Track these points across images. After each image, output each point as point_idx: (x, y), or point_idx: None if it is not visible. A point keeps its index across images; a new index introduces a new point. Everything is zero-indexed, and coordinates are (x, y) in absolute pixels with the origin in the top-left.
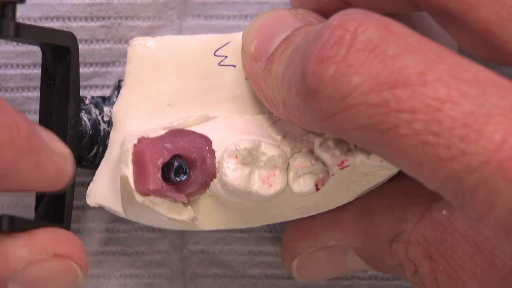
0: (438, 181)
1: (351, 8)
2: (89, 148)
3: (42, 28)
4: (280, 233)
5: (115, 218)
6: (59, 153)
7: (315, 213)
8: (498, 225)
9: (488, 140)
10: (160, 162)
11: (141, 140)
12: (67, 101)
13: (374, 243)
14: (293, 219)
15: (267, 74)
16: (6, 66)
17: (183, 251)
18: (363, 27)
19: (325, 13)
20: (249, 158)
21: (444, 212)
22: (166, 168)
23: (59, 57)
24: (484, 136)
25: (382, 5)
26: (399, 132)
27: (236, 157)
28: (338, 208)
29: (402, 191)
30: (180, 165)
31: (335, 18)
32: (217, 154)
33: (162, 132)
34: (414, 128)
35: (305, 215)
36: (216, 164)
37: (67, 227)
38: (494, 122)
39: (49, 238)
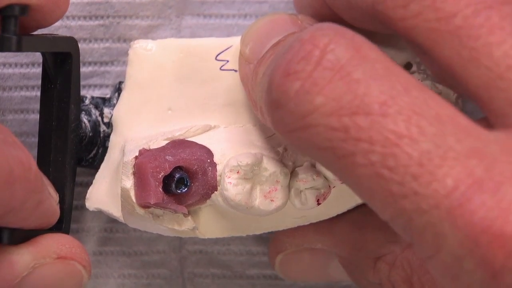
0: (388, 215)
1: (326, 23)
2: (88, 149)
3: (43, 37)
4: None
5: (113, 219)
6: (53, 195)
7: (315, 221)
8: (443, 269)
9: (440, 184)
10: (161, 175)
11: (142, 152)
12: (68, 106)
13: (360, 257)
14: (293, 227)
15: (254, 77)
16: (4, 65)
17: (182, 251)
18: (333, 45)
19: (324, 19)
20: (251, 173)
21: None
22: (167, 180)
23: (60, 62)
24: (437, 179)
25: (364, 23)
26: (355, 160)
27: (237, 172)
28: None
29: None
30: (181, 177)
31: (307, 32)
32: (219, 167)
33: (163, 143)
34: (370, 159)
35: (305, 223)
36: (218, 177)
37: (66, 233)
38: (448, 166)
39: (51, 242)
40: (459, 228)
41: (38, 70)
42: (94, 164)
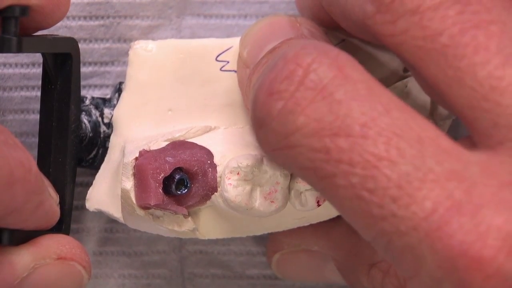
0: (370, 236)
1: (311, 41)
2: (88, 150)
3: (44, 38)
4: None
5: (113, 219)
6: (53, 196)
7: (315, 222)
8: None
9: (418, 206)
10: (161, 176)
11: (142, 153)
12: (68, 106)
13: (355, 262)
14: (293, 228)
15: (248, 83)
16: (5, 65)
17: (182, 251)
18: (316, 64)
19: (324, 22)
20: (251, 175)
21: None
22: (167, 181)
23: (60, 62)
24: (415, 201)
25: (359, 33)
26: (336, 182)
27: (238, 173)
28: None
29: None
30: (182, 178)
31: (291, 50)
32: (219, 169)
33: (164, 144)
34: (351, 181)
35: (306, 224)
36: (218, 179)
37: (67, 233)
38: (427, 188)
39: (51, 243)
40: (437, 250)
41: (39, 70)
42: (94, 165)
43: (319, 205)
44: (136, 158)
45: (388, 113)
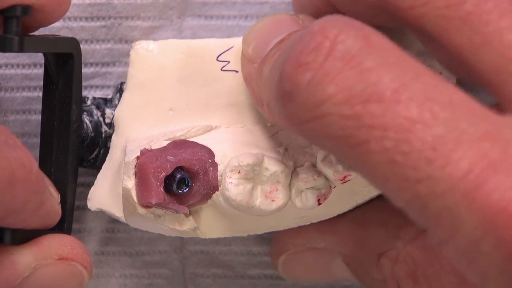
0: (404, 201)
1: (334, 15)
2: (90, 150)
3: (45, 38)
4: None
5: (115, 219)
6: (54, 196)
7: (316, 221)
8: (459, 253)
9: (454, 167)
10: (162, 175)
11: (143, 152)
12: (70, 106)
13: (363, 254)
14: (294, 227)
15: (258, 75)
16: (6, 66)
17: (183, 251)
18: (343, 35)
19: None
20: (252, 173)
21: None
22: (168, 180)
23: (62, 62)
24: (451, 162)
25: (370, 17)
26: (369, 148)
27: (239, 172)
28: None
29: (400, 209)
30: (183, 177)
31: (317, 24)
32: (220, 167)
33: (165, 143)
34: (384, 146)
35: (306, 223)
36: (219, 177)
37: (68, 233)
38: (462, 149)
39: (53, 243)
40: (475, 210)
41: (40, 71)
42: (96, 165)
43: (319, 204)
44: (138, 157)
45: (418, 79)
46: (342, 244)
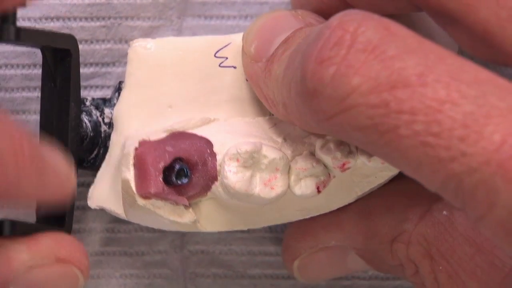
0: (438, 182)
1: (351, 9)
2: (89, 150)
3: (43, 31)
4: (281, 233)
5: (115, 219)
6: (61, 169)
7: (316, 215)
8: (498, 226)
9: (487, 141)
10: (161, 165)
11: (142, 143)
12: (68, 103)
13: (375, 244)
14: (294, 220)
15: (267, 75)
16: (6, 66)
17: (183, 251)
18: (362, 27)
19: (325, 14)
20: (250, 161)
21: (444, 212)
22: (167, 171)
23: (60, 59)
24: (483, 137)
25: (382, 5)
26: (399, 133)
27: (237, 160)
28: (339, 208)
29: (402, 191)
30: (182, 168)
31: (335, 19)
32: (219, 157)
33: (163, 135)
34: (414, 129)
35: (307, 217)
36: (218, 167)
37: (68, 231)
38: (493, 123)
39: (51, 243)
40: (511, 180)
41: (40, 71)
42: (96, 165)
43: (319, 192)
44: (136, 148)
45: (442, 61)
46: (351, 239)
